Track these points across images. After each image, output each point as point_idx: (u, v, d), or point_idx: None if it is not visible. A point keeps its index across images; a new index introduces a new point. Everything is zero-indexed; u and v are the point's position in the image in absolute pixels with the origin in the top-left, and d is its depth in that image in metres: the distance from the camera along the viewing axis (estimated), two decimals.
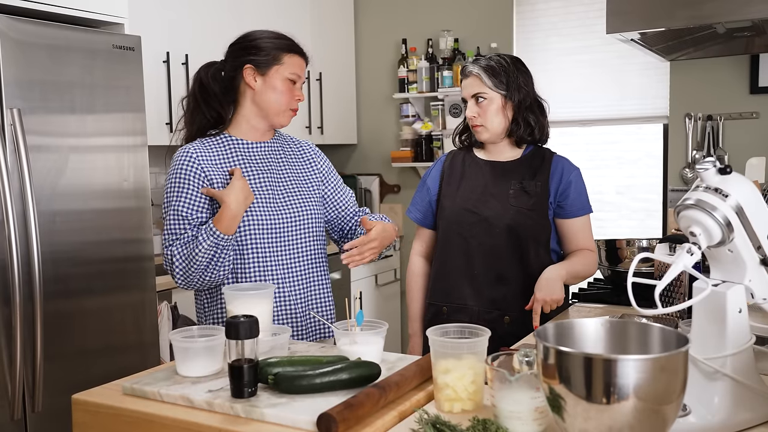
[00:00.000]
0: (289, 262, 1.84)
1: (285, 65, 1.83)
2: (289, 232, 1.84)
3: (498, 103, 2.04)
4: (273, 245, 1.82)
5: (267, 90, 1.83)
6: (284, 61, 1.83)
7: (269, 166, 1.89)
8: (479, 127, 2.07)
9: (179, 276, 1.77)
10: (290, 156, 1.96)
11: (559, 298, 1.94)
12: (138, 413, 1.27)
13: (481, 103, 2.05)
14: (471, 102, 2.07)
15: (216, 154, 1.84)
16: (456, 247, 2.08)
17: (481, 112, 2.05)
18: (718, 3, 2.18)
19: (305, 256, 1.88)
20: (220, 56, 1.91)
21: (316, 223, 1.91)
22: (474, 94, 2.06)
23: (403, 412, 1.24)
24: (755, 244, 1.20)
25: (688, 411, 1.16)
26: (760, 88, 3.55)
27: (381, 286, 4.28)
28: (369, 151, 4.67)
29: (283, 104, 1.85)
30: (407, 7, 4.46)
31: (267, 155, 1.90)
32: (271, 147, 1.93)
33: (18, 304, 2.13)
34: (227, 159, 1.84)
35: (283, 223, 1.84)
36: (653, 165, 3.97)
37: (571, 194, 2.06)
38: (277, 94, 1.83)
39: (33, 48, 2.22)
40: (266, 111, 1.85)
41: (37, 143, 2.23)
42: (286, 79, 1.83)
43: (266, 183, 1.86)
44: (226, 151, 1.85)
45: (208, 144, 1.85)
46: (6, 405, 2.15)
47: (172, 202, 1.81)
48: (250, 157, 1.87)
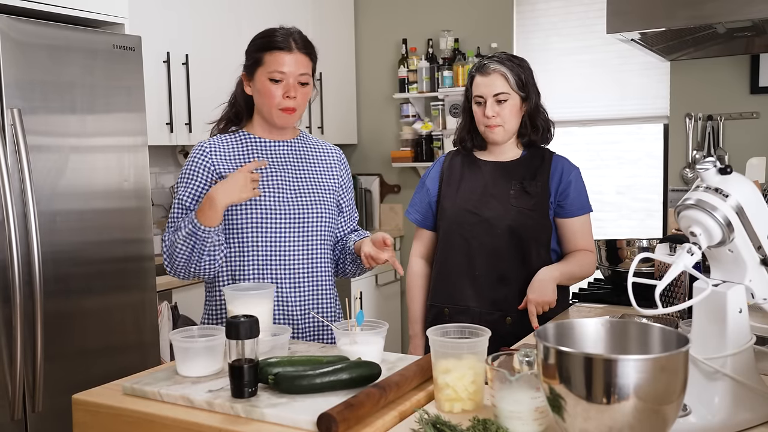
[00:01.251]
0: (293, 263, 1.82)
1: (265, 65, 1.78)
2: (296, 232, 1.82)
3: (517, 104, 2.03)
4: (277, 244, 1.80)
5: (256, 94, 1.82)
6: (264, 60, 1.78)
7: (285, 166, 1.87)
8: (497, 127, 2.03)
9: (166, 262, 1.80)
10: (311, 158, 1.92)
11: (551, 300, 1.94)
12: (138, 413, 1.27)
13: (503, 103, 2.02)
14: (491, 101, 2.02)
15: (231, 150, 1.84)
16: (457, 248, 2.07)
17: (500, 112, 2.02)
18: (719, 3, 2.18)
19: (311, 259, 1.85)
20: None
21: (326, 227, 1.88)
22: (496, 93, 2.01)
23: (403, 412, 1.24)
24: (755, 244, 1.20)
25: (688, 411, 1.16)
26: (761, 88, 3.54)
27: (381, 286, 4.28)
28: (369, 151, 4.67)
29: (270, 106, 1.79)
30: (407, 7, 4.46)
31: (284, 154, 1.88)
32: (291, 146, 1.90)
33: (18, 304, 2.13)
34: (243, 155, 1.84)
35: (291, 223, 1.81)
36: (653, 165, 3.97)
37: (571, 193, 2.06)
38: (262, 97, 1.80)
39: (33, 48, 2.22)
40: (262, 114, 1.85)
41: (38, 143, 2.23)
42: (267, 79, 1.78)
43: (278, 182, 1.83)
44: (243, 147, 1.85)
45: (226, 140, 1.86)
46: (6, 405, 2.15)
47: (178, 192, 1.83)
48: (266, 154, 1.86)
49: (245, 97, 1.88)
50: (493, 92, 2.02)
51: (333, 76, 4.34)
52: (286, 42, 1.78)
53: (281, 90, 1.78)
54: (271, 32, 1.82)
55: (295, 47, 1.79)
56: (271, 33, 1.81)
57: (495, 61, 2.04)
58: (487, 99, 2.03)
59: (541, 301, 1.93)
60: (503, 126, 2.03)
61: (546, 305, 1.94)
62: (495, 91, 2.02)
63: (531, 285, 1.95)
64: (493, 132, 2.05)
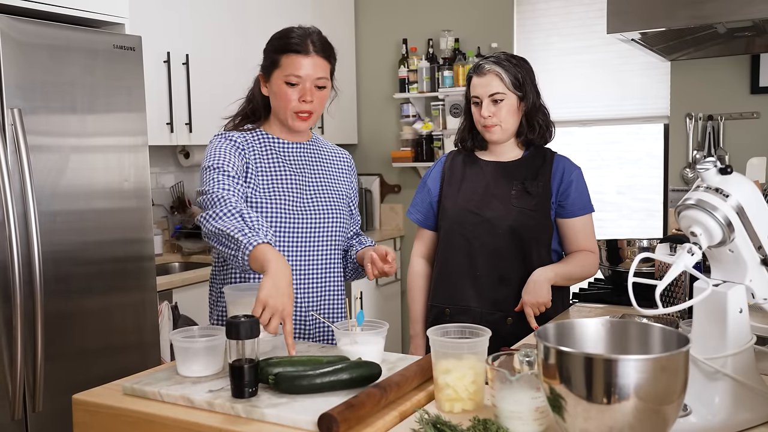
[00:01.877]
0: (307, 264, 1.80)
1: (281, 67, 1.75)
2: (312, 234, 1.81)
3: (514, 103, 2.03)
4: (293, 245, 1.78)
5: (272, 96, 1.80)
6: (281, 63, 1.75)
7: (300, 167, 1.85)
8: (494, 127, 2.04)
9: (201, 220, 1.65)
10: (325, 161, 1.91)
11: (546, 300, 1.94)
12: (138, 413, 1.27)
13: (499, 103, 2.02)
14: (487, 101, 2.02)
15: (250, 145, 1.81)
16: (458, 248, 2.07)
17: (497, 112, 2.02)
18: (719, 3, 2.18)
19: (324, 260, 1.83)
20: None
21: (340, 230, 1.87)
22: (492, 93, 2.02)
23: (403, 412, 1.24)
24: (756, 244, 1.20)
25: (688, 411, 1.16)
26: (761, 88, 3.54)
27: (381, 286, 4.28)
28: (369, 151, 4.67)
29: (285, 109, 1.77)
30: (408, 7, 4.46)
31: (300, 156, 1.87)
32: (306, 149, 1.89)
33: (19, 303, 2.13)
34: (261, 152, 1.81)
35: (304, 225, 1.79)
36: (654, 165, 3.97)
37: (572, 194, 2.05)
38: (278, 100, 1.78)
39: (34, 48, 2.22)
40: (278, 116, 1.82)
41: (38, 143, 2.23)
42: (283, 82, 1.75)
43: (293, 183, 1.81)
44: (260, 145, 1.82)
45: (244, 137, 1.82)
46: (7, 405, 2.15)
47: (215, 160, 1.72)
48: (282, 154, 1.84)
49: (263, 96, 1.85)
50: (488, 92, 2.02)
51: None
52: (303, 45, 1.74)
53: (297, 94, 1.75)
54: (288, 32, 1.77)
55: (312, 50, 1.74)
56: (288, 34, 1.77)
57: (491, 61, 2.05)
58: (483, 99, 2.03)
59: (535, 303, 1.93)
60: (500, 125, 2.04)
61: (541, 306, 1.94)
62: (491, 92, 2.02)
63: (526, 286, 1.96)
64: (490, 132, 2.05)
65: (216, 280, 1.89)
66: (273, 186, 1.78)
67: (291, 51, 1.74)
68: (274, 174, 1.80)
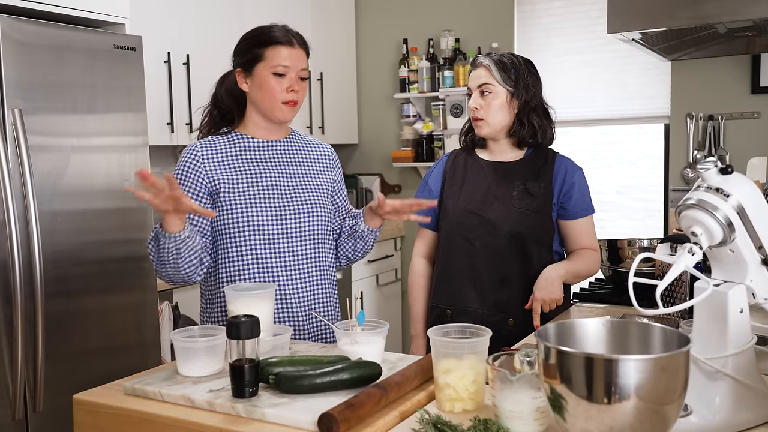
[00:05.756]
0: (292, 263, 1.82)
1: (266, 60, 1.79)
2: (293, 232, 1.83)
3: (503, 98, 2.03)
4: (274, 245, 1.81)
5: (255, 89, 1.82)
6: (266, 55, 1.79)
7: (278, 166, 1.87)
8: (480, 121, 2.05)
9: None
10: (304, 157, 1.93)
11: (558, 297, 1.94)
12: (139, 413, 1.27)
13: (486, 96, 2.03)
14: (476, 93, 2.05)
15: (224, 152, 1.83)
16: (459, 249, 2.07)
17: (484, 105, 2.03)
18: (719, 3, 2.18)
19: (310, 258, 1.85)
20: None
21: (323, 225, 1.88)
22: (480, 85, 2.03)
23: (404, 412, 1.24)
24: (756, 244, 1.20)
25: (689, 411, 1.16)
26: (761, 87, 3.54)
27: (382, 286, 4.28)
28: (370, 150, 4.67)
29: (272, 100, 1.80)
30: (408, 7, 4.46)
31: (277, 154, 1.89)
32: (283, 146, 1.91)
33: (19, 303, 2.13)
34: (236, 156, 1.83)
35: (287, 223, 1.82)
36: (654, 165, 3.97)
37: (574, 195, 2.05)
38: (263, 92, 1.80)
39: (34, 48, 2.22)
40: (262, 109, 1.84)
41: (39, 143, 2.24)
42: (270, 74, 1.78)
43: (272, 182, 1.84)
44: (235, 148, 1.84)
45: (218, 141, 1.85)
46: (7, 405, 2.15)
47: None
48: (259, 155, 1.86)
49: (234, 96, 1.88)
50: (477, 84, 2.05)
51: (334, 76, 4.34)
52: (287, 37, 1.81)
53: (285, 84, 1.80)
54: (267, 28, 1.83)
55: (295, 42, 1.82)
56: (268, 29, 1.83)
57: (485, 55, 2.08)
58: (473, 91, 2.06)
59: (548, 299, 1.93)
60: (486, 120, 2.04)
61: (553, 303, 1.94)
62: (479, 83, 2.04)
63: (537, 283, 1.95)
64: (478, 126, 2.07)
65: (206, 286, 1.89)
66: (250, 188, 1.80)
67: (276, 43, 1.80)
68: (251, 175, 1.82)
